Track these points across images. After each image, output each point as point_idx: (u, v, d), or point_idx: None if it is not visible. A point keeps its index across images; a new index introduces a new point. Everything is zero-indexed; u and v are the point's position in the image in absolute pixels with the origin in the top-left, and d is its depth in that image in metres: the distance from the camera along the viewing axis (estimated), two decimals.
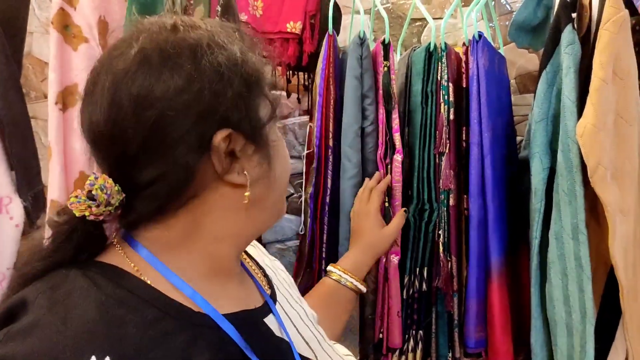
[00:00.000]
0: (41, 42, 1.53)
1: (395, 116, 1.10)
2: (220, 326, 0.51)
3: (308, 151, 1.14)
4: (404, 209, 1.10)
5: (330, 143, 1.10)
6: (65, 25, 1.11)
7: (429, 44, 1.14)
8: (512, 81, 1.46)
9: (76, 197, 0.50)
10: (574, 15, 1.06)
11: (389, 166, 1.11)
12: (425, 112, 1.11)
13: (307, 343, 0.62)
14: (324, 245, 1.12)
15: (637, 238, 0.98)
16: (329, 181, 1.11)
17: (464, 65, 1.12)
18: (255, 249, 0.72)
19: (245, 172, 0.53)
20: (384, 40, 1.13)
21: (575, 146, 0.95)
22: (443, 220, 1.10)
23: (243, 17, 1.14)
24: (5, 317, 0.47)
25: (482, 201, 1.07)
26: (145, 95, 0.49)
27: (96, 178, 0.50)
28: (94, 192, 0.49)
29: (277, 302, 0.63)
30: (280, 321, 0.59)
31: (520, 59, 1.46)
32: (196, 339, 0.49)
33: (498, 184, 1.08)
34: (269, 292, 0.63)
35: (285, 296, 0.66)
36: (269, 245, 1.63)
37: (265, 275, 0.66)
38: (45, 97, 1.52)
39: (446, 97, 1.10)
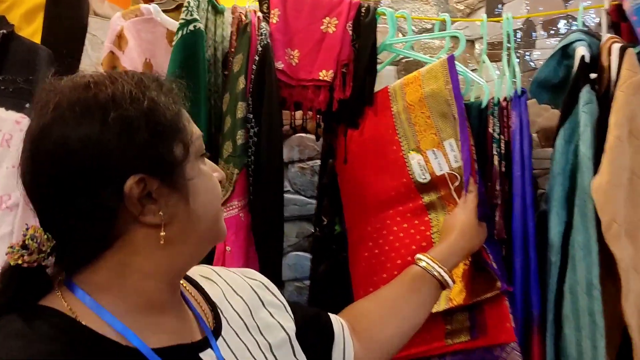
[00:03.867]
0: None
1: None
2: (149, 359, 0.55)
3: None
4: None
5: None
6: (113, 67, 1.20)
7: (480, 102, 1.20)
8: (534, 135, 1.50)
9: (11, 247, 0.56)
10: (593, 75, 1.11)
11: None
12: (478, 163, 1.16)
13: None
14: None
15: None
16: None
17: (505, 119, 1.16)
18: (211, 285, 0.73)
19: (160, 213, 0.57)
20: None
21: (590, 201, 0.98)
22: None
23: (279, 65, 1.21)
24: None
25: (524, 255, 1.09)
26: (60, 147, 0.54)
27: (27, 229, 0.56)
28: (26, 242, 0.55)
29: (221, 336, 0.65)
30: (219, 355, 0.62)
31: (543, 114, 1.50)
32: None
33: (537, 236, 1.10)
34: (212, 326, 0.66)
35: (239, 328, 0.68)
36: (287, 283, 1.66)
37: (213, 310, 0.68)
38: None
39: (499, 149, 1.15)
